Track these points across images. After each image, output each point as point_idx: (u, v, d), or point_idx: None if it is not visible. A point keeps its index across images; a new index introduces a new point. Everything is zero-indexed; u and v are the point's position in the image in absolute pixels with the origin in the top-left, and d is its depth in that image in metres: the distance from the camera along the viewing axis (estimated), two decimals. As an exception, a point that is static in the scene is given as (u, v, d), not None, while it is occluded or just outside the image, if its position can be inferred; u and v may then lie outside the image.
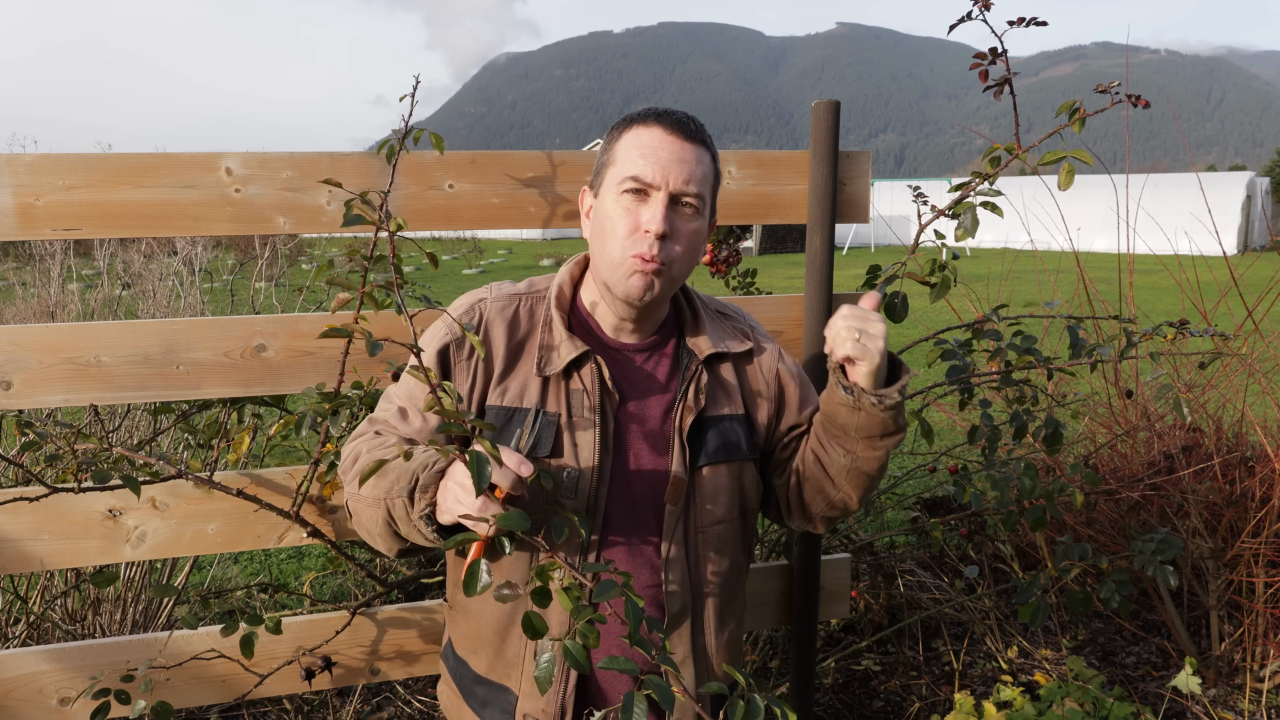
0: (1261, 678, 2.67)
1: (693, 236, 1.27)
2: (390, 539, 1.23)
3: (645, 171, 1.23)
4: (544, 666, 0.99)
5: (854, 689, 2.85)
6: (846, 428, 1.28)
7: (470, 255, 24.05)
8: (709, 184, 1.28)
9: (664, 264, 1.24)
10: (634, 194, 1.24)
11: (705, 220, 1.29)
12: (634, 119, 1.29)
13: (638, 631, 0.96)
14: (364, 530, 1.27)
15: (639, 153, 1.24)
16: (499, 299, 1.35)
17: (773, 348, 1.46)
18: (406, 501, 1.14)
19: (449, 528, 1.15)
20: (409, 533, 1.18)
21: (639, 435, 1.32)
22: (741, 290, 3.15)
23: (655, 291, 1.26)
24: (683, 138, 1.24)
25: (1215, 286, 3.28)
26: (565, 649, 0.97)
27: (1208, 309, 3.06)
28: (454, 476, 1.10)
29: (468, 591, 1.01)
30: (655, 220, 1.22)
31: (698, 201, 1.25)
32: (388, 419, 1.33)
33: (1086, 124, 1.85)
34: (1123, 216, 5.88)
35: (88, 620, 2.56)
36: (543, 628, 1.01)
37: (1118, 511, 2.97)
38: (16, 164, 1.59)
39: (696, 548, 1.34)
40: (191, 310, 3.94)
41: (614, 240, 1.25)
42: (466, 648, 1.38)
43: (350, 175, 1.73)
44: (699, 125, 1.28)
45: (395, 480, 1.16)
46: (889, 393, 1.24)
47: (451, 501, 1.09)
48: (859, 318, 1.22)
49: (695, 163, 1.25)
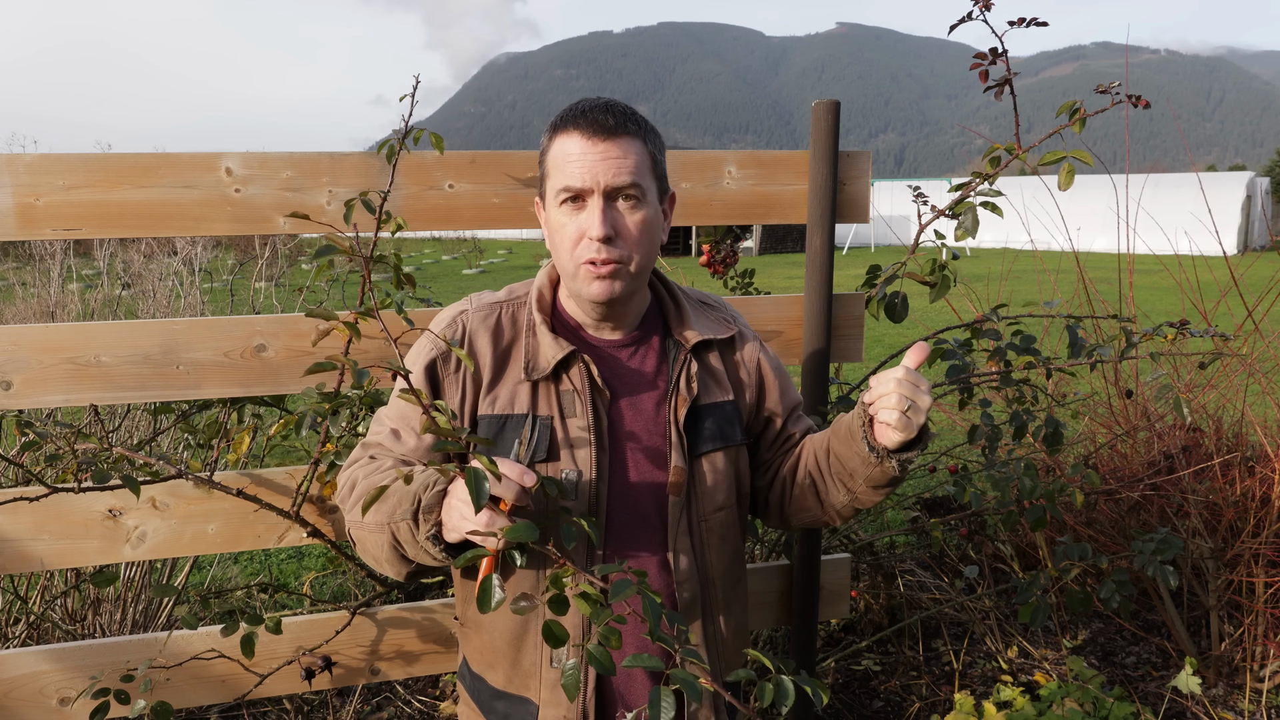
0: (1261, 678, 2.67)
1: (641, 226, 1.26)
2: (398, 563, 1.22)
3: (574, 179, 1.23)
4: (569, 673, 1.00)
5: (854, 689, 2.85)
6: (856, 474, 1.29)
7: (470, 255, 24.05)
8: (645, 170, 1.26)
9: (619, 262, 1.25)
10: (571, 202, 1.25)
11: (652, 206, 1.28)
12: (557, 125, 1.28)
13: (658, 627, 0.96)
14: (370, 557, 1.27)
15: (564, 160, 1.24)
16: (480, 309, 1.35)
17: (753, 335, 1.48)
18: (411, 524, 1.14)
19: (457, 546, 1.15)
20: (416, 554, 1.18)
21: (634, 430, 1.32)
22: (740, 290, 3.15)
23: (617, 291, 1.27)
24: (603, 137, 1.23)
25: (1215, 286, 3.28)
26: (589, 653, 0.97)
27: (1208, 309, 3.06)
28: (456, 494, 1.10)
29: (482, 609, 1.01)
30: (595, 225, 1.22)
31: (636, 191, 1.24)
32: (381, 441, 1.32)
33: (1086, 124, 1.85)
34: (1123, 216, 5.88)
35: (88, 620, 2.56)
36: (564, 635, 1.01)
37: (1118, 511, 2.97)
38: (16, 164, 1.59)
39: (701, 536, 1.35)
40: (191, 310, 3.95)
41: (564, 250, 1.27)
42: (482, 663, 1.37)
43: (350, 175, 1.73)
44: (621, 114, 1.25)
45: (397, 504, 1.16)
46: (912, 456, 1.24)
47: (457, 519, 1.09)
48: (912, 387, 1.18)
49: (623, 156, 1.23)
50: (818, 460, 1.36)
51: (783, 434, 1.47)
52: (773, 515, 1.50)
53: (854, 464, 1.28)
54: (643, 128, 1.28)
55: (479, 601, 1.01)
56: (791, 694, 0.95)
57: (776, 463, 1.46)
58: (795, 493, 1.42)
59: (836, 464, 1.32)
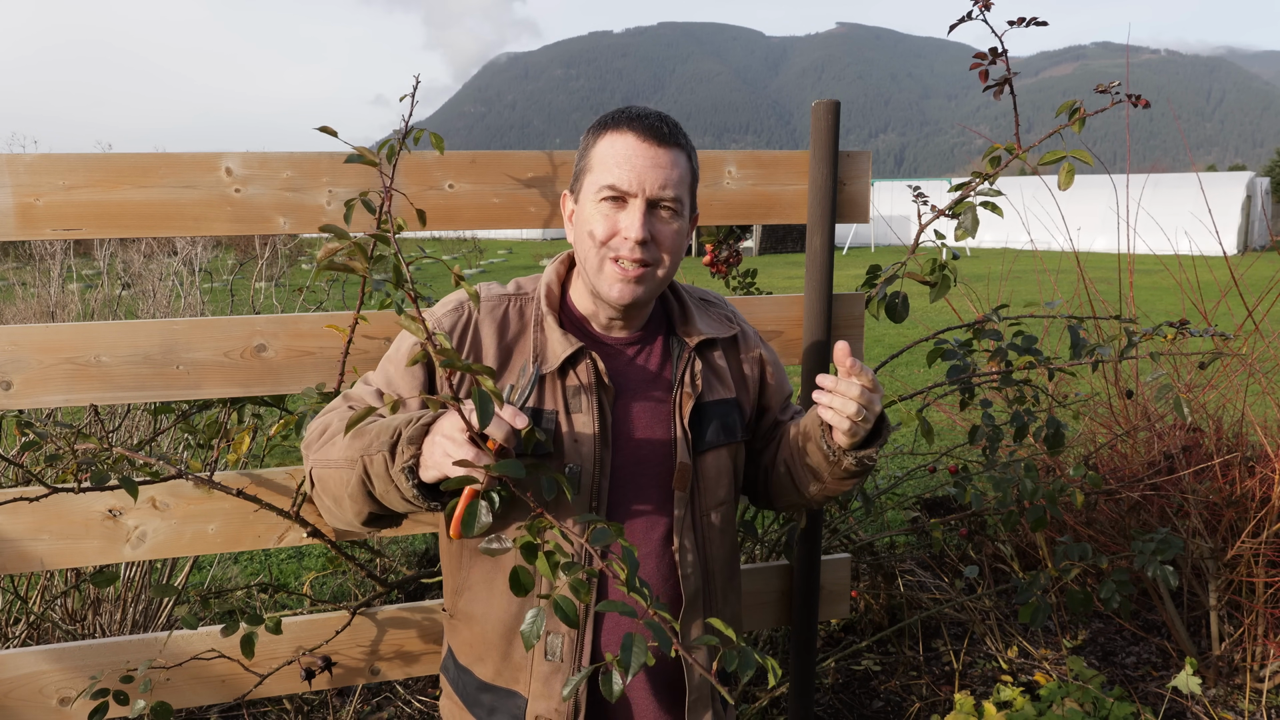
0: (1261, 678, 2.67)
1: (673, 238, 1.28)
2: (362, 500, 1.19)
3: (621, 180, 1.24)
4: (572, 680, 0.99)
5: (854, 689, 2.85)
6: (821, 470, 1.35)
7: (470, 255, 24.05)
8: (686, 185, 1.29)
9: (648, 265, 1.26)
10: (612, 201, 1.25)
11: (685, 220, 1.31)
12: (608, 123, 1.29)
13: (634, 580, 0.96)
14: (329, 496, 1.24)
15: (614, 160, 1.25)
16: (488, 299, 1.36)
17: (753, 332, 1.51)
18: (388, 456, 1.12)
19: (429, 488, 1.13)
20: (385, 490, 1.15)
21: (638, 426, 1.33)
22: (741, 290, 3.15)
23: (640, 295, 1.29)
24: (657, 143, 1.25)
25: (1215, 286, 3.28)
26: (555, 602, 0.96)
27: (1208, 309, 3.06)
28: (442, 430, 1.09)
29: (465, 531, 0.99)
30: (634, 227, 1.24)
31: (675, 204, 1.27)
32: (363, 397, 1.32)
33: (1086, 124, 1.85)
34: (1123, 216, 5.88)
35: (88, 620, 2.56)
36: (529, 583, 1.01)
37: (1118, 511, 2.97)
38: (16, 164, 1.59)
39: (703, 530, 1.37)
40: (191, 310, 3.94)
41: (592, 244, 1.27)
42: (470, 655, 1.37)
43: (350, 175, 1.73)
44: (674, 126, 1.28)
45: (375, 436, 1.14)
46: (868, 454, 1.30)
47: (440, 456, 1.07)
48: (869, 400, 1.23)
49: (670, 166, 1.25)
50: (791, 452, 1.41)
51: (774, 425, 1.51)
52: (759, 498, 1.56)
53: (817, 460, 1.34)
54: (688, 145, 1.31)
55: (462, 524, 1.00)
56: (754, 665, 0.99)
57: (761, 449, 1.50)
58: (774, 479, 1.47)
59: (804, 459, 1.37)
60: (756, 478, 1.52)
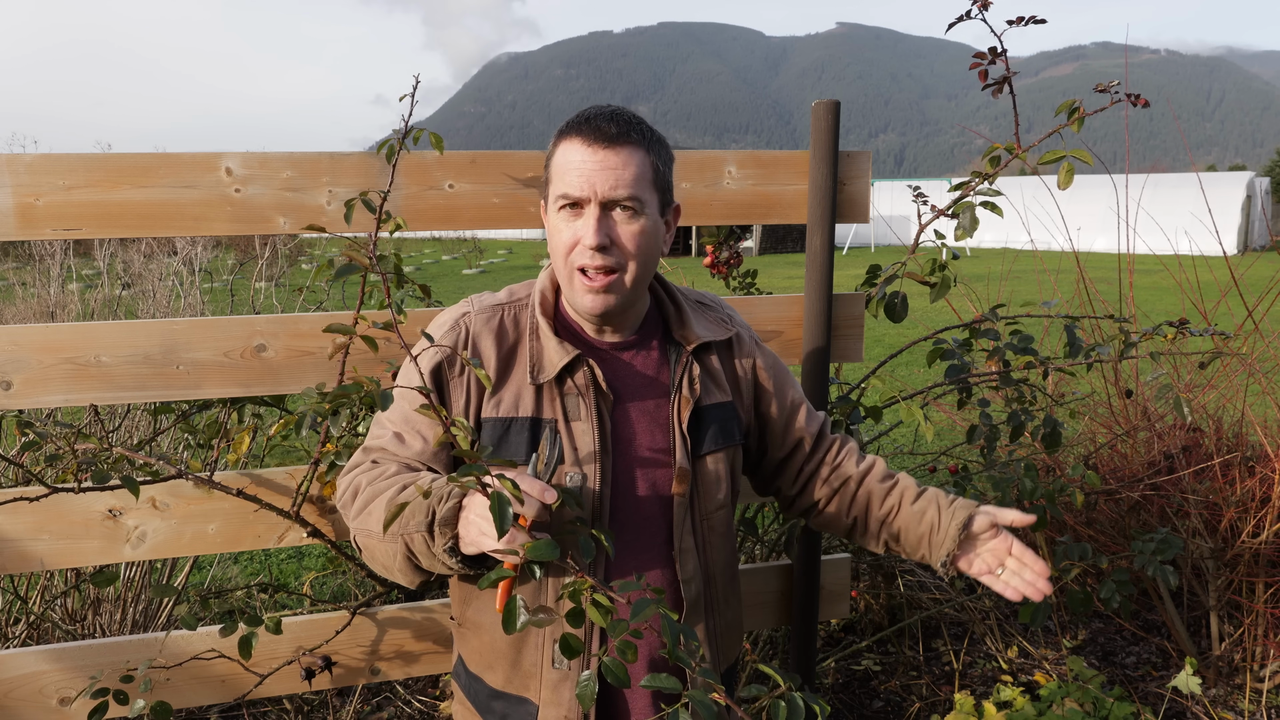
0: (1261, 678, 2.67)
1: (636, 238, 1.25)
2: (411, 572, 1.21)
3: (573, 186, 1.23)
4: (584, 684, 1.02)
5: (854, 689, 2.85)
6: (908, 554, 1.43)
7: (470, 255, 24.05)
8: (645, 181, 1.26)
9: (613, 271, 1.25)
10: (570, 209, 1.25)
11: (651, 217, 1.27)
12: (562, 131, 1.28)
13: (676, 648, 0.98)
14: (379, 565, 1.25)
15: (566, 168, 1.24)
16: (482, 311, 1.35)
17: (749, 335, 1.50)
18: (426, 536, 1.13)
19: (474, 557, 1.14)
20: (432, 565, 1.17)
21: (637, 432, 1.33)
22: (742, 290, 3.15)
23: (612, 304, 1.27)
24: (604, 145, 1.22)
25: (1215, 286, 3.28)
26: (605, 666, 0.98)
27: (1208, 309, 3.06)
28: (474, 509, 1.09)
29: (508, 629, 1.02)
30: (589, 233, 1.23)
31: (633, 203, 1.24)
32: (384, 446, 1.31)
33: (1086, 124, 1.85)
34: (1123, 216, 5.87)
35: (88, 620, 2.56)
36: (579, 647, 1.03)
37: (1118, 511, 2.97)
38: (16, 164, 1.59)
39: (704, 535, 1.36)
40: (191, 310, 3.94)
41: (560, 255, 1.27)
42: (480, 664, 1.36)
43: (350, 175, 1.73)
44: (626, 124, 1.24)
45: (410, 515, 1.15)
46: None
47: (475, 535, 1.09)
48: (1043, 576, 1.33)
49: (622, 166, 1.23)
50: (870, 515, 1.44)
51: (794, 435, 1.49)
52: (792, 513, 1.56)
53: (914, 551, 1.40)
54: (647, 138, 1.27)
55: (504, 623, 1.02)
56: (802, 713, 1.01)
57: (810, 476, 1.50)
58: (829, 515, 1.49)
59: (894, 536, 1.42)
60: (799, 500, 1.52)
